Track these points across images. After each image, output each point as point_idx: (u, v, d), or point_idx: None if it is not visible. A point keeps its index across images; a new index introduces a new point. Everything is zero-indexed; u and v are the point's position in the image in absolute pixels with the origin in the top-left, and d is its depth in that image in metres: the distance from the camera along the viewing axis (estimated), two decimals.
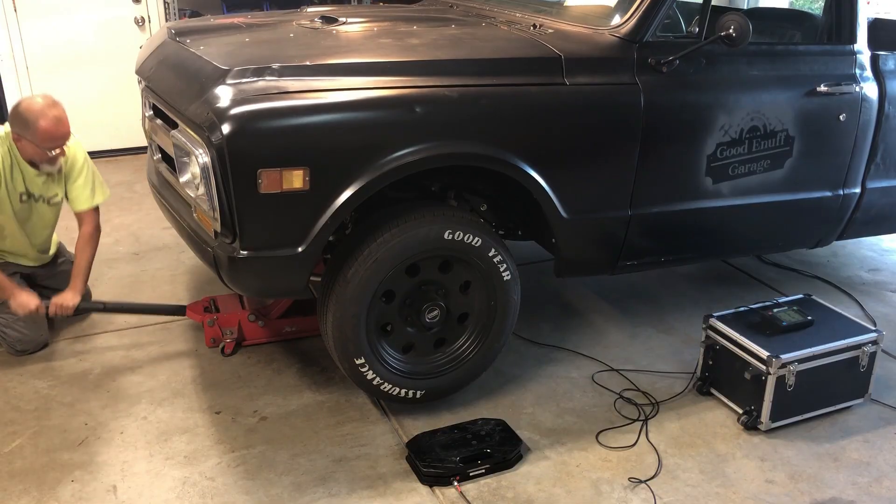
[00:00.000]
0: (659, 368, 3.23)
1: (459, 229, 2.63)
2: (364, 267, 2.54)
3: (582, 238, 2.88)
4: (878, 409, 3.01)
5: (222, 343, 3.23)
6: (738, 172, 3.02)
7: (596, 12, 3.16)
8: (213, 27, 3.20)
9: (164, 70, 2.90)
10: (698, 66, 2.87)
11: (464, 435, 2.69)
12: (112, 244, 4.36)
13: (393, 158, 2.42)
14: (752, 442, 2.79)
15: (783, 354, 2.75)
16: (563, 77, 2.66)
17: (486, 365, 2.92)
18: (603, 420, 2.88)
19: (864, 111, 3.20)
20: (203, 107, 2.35)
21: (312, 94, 2.37)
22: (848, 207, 3.39)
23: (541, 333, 3.49)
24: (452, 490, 2.50)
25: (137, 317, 3.53)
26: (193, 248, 2.72)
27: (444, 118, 2.49)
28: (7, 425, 2.77)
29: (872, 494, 2.55)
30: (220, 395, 2.96)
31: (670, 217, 2.99)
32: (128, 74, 5.70)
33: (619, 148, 2.78)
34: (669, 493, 2.52)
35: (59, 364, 3.15)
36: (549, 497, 2.49)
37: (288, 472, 2.56)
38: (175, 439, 2.71)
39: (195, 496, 2.45)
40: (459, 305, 2.83)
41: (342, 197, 2.41)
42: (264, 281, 2.50)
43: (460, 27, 3.12)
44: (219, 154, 2.28)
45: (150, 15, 5.94)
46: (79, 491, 2.46)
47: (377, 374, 2.71)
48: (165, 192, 3.05)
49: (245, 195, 2.33)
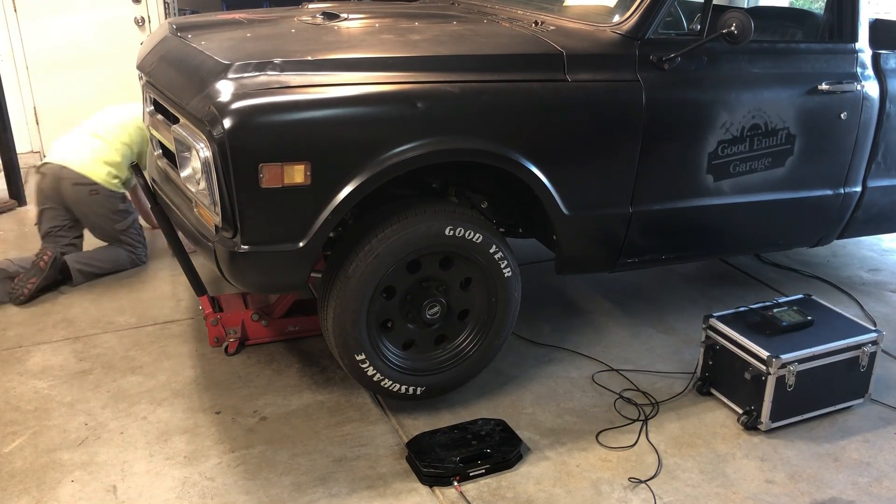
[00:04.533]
0: (659, 368, 3.23)
1: (461, 226, 2.63)
2: (365, 263, 2.54)
3: (583, 235, 2.87)
4: (878, 409, 3.01)
5: (226, 342, 3.23)
6: (739, 170, 3.02)
7: (598, 9, 3.17)
8: (214, 22, 3.20)
9: (165, 65, 2.89)
10: (700, 64, 2.87)
11: (464, 435, 2.68)
12: None
13: (394, 154, 2.42)
14: (752, 442, 2.78)
15: (783, 354, 2.75)
16: (564, 73, 2.66)
17: (487, 362, 2.92)
18: (603, 420, 2.88)
19: (866, 110, 3.21)
20: (204, 101, 2.35)
21: (314, 89, 2.36)
22: (849, 206, 3.39)
23: (541, 333, 3.48)
24: (452, 490, 2.49)
25: (137, 316, 3.53)
26: (194, 245, 2.71)
27: (445, 114, 2.48)
28: (7, 425, 2.76)
29: (872, 494, 2.55)
30: (221, 395, 2.95)
31: (671, 214, 2.99)
32: (128, 74, 5.75)
33: (620, 145, 2.78)
34: (669, 493, 2.51)
35: (59, 364, 3.14)
36: (549, 497, 2.48)
37: (288, 472, 2.55)
38: (175, 439, 2.70)
39: (195, 496, 2.44)
40: (460, 302, 2.82)
41: (343, 192, 2.40)
42: (265, 276, 2.49)
43: (462, 24, 3.12)
44: (220, 148, 2.28)
45: (150, 15, 5.95)
46: (79, 491, 2.45)
47: (378, 371, 2.71)
48: (166, 187, 3.04)
49: (246, 190, 2.32)
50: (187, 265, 3.20)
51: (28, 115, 5.76)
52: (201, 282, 3.25)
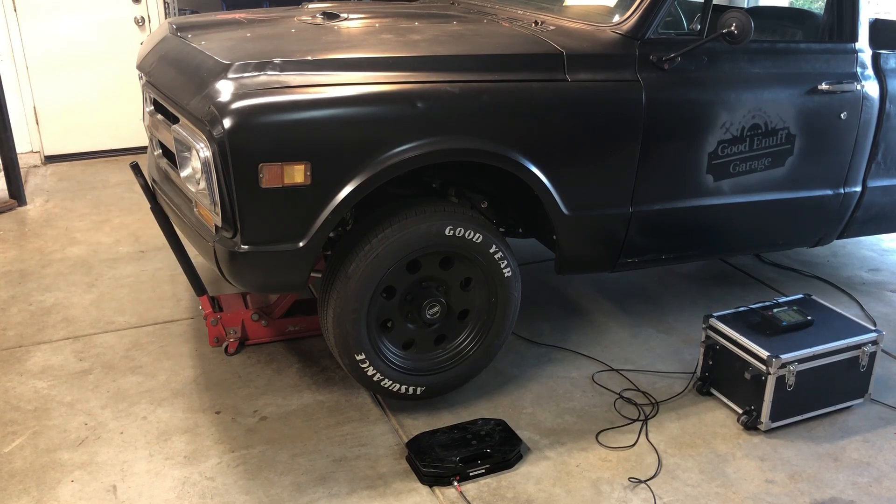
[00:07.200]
0: (659, 368, 3.23)
1: (461, 225, 2.63)
2: (365, 263, 2.54)
3: (583, 235, 2.87)
4: (878, 409, 3.01)
5: (226, 342, 3.22)
6: (739, 170, 3.02)
7: (598, 9, 3.17)
8: (214, 22, 3.20)
9: (165, 65, 2.89)
10: (700, 64, 2.87)
11: (464, 435, 2.68)
12: (112, 244, 4.36)
13: (394, 154, 2.42)
14: (752, 442, 2.78)
15: (783, 354, 2.75)
16: (564, 73, 2.66)
17: (487, 362, 2.91)
18: (603, 420, 2.87)
19: (865, 110, 3.21)
20: (204, 101, 2.35)
21: (314, 89, 2.36)
22: (849, 206, 3.39)
23: (541, 333, 3.48)
24: (452, 490, 2.49)
25: (137, 316, 3.53)
26: (194, 244, 2.71)
27: (445, 114, 2.48)
28: (7, 425, 2.76)
29: (872, 494, 2.55)
30: (220, 395, 2.95)
31: (671, 214, 2.99)
32: (128, 74, 5.77)
33: (620, 145, 2.78)
34: (669, 493, 2.51)
35: (59, 364, 3.14)
36: (548, 497, 2.48)
37: (288, 472, 2.55)
38: (175, 439, 2.70)
39: (195, 496, 2.44)
40: (460, 302, 2.82)
41: (343, 192, 2.40)
42: (265, 276, 2.49)
43: (462, 24, 3.12)
44: (220, 148, 2.28)
45: (150, 15, 5.95)
46: (79, 491, 2.45)
47: (378, 371, 2.71)
48: (166, 187, 3.04)
49: (246, 189, 2.32)
50: (187, 265, 3.20)
51: (28, 115, 5.76)
52: (201, 282, 3.24)
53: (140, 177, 3.23)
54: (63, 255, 4.19)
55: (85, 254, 4.22)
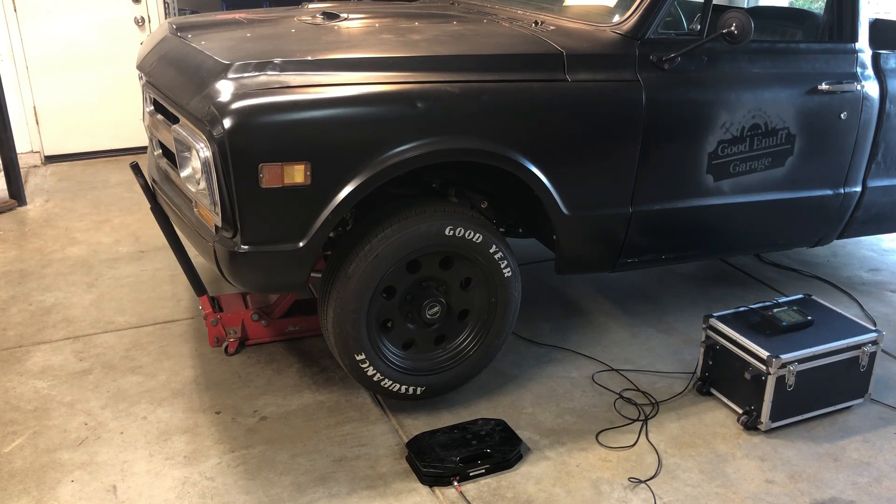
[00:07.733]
0: (659, 368, 3.23)
1: (461, 225, 2.63)
2: (365, 263, 2.54)
3: (583, 235, 2.87)
4: (878, 409, 3.01)
5: (226, 342, 3.22)
6: (739, 170, 3.02)
7: (598, 9, 3.17)
8: (214, 22, 3.20)
9: (165, 65, 2.89)
10: (700, 64, 2.87)
11: (464, 435, 2.68)
12: (112, 244, 4.36)
13: (394, 154, 2.42)
14: (752, 442, 2.78)
15: (783, 354, 2.75)
16: (564, 73, 2.66)
17: (487, 362, 2.91)
18: (603, 420, 2.87)
19: (865, 110, 3.21)
20: (204, 101, 2.35)
21: (314, 89, 2.36)
22: (849, 206, 3.39)
23: (541, 333, 3.48)
24: (452, 490, 2.49)
25: (137, 316, 3.53)
26: (194, 244, 2.71)
27: (445, 114, 2.48)
28: (7, 425, 2.76)
29: (872, 494, 2.55)
30: (220, 395, 2.95)
31: (671, 214, 2.99)
32: (128, 75, 5.77)
33: (620, 145, 2.78)
34: (669, 493, 2.51)
35: (59, 364, 3.14)
36: (548, 497, 2.48)
37: (288, 472, 2.55)
38: (175, 439, 2.70)
39: (195, 496, 2.44)
40: (460, 302, 2.82)
41: (343, 192, 2.40)
42: (265, 276, 2.49)
43: (462, 24, 3.12)
44: (220, 148, 2.28)
45: (150, 15, 5.95)
46: (79, 491, 2.45)
47: (378, 371, 2.71)
48: (166, 187, 3.04)
49: (246, 189, 2.32)
50: (187, 265, 3.20)
51: (28, 115, 5.77)
52: (201, 282, 3.24)
53: (140, 177, 3.23)
54: (63, 255, 4.19)
55: (85, 254, 4.23)
